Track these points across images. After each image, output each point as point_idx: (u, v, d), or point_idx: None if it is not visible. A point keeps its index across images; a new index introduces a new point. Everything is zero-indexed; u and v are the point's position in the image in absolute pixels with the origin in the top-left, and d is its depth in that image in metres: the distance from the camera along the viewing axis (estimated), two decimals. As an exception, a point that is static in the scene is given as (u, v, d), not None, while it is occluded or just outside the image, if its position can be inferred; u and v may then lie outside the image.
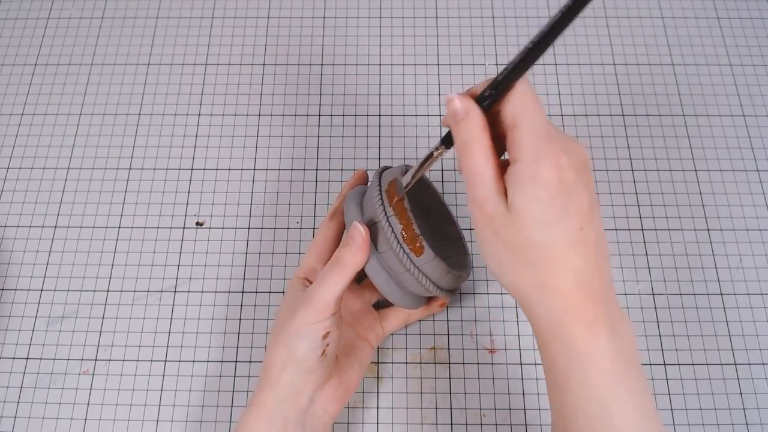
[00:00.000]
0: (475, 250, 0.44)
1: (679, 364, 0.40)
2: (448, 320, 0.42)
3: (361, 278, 0.41)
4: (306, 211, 0.45)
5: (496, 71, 0.50)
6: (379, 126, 0.48)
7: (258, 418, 0.32)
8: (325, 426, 0.33)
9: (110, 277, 0.43)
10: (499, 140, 0.27)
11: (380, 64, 0.51)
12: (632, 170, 0.47)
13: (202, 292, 0.43)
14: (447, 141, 0.29)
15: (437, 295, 0.34)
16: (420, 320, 0.42)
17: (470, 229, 0.44)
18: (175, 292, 0.43)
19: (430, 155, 0.30)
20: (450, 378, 0.40)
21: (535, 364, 0.40)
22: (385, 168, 0.36)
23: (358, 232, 0.32)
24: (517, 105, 0.25)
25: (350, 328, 0.37)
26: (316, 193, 0.46)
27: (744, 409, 0.39)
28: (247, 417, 0.32)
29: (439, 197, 0.41)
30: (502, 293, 0.42)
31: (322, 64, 0.51)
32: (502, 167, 0.26)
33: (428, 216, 0.41)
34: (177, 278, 0.43)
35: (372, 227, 0.33)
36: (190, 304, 0.42)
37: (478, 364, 0.40)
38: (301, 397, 0.32)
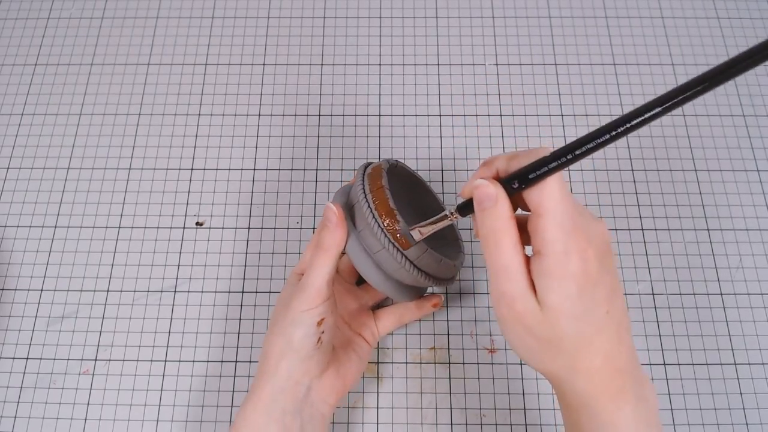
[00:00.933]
0: (475, 250, 0.44)
1: (679, 364, 0.40)
2: (448, 320, 0.42)
3: (360, 281, 0.41)
4: (306, 211, 0.45)
5: (497, 71, 0.51)
6: (379, 126, 0.48)
7: (254, 412, 0.32)
8: (323, 417, 0.34)
9: (110, 277, 0.43)
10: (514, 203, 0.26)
11: (380, 64, 0.51)
12: (632, 170, 0.47)
13: (202, 292, 0.43)
14: (462, 209, 0.28)
15: (419, 280, 0.33)
16: (420, 320, 0.42)
17: (469, 229, 0.44)
18: (175, 292, 0.43)
19: (443, 218, 0.30)
20: (450, 378, 0.40)
21: (535, 364, 0.40)
22: (371, 163, 0.36)
23: (332, 212, 0.32)
24: (543, 193, 0.24)
25: (346, 325, 0.38)
26: (316, 193, 0.46)
27: (744, 409, 0.39)
28: (243, 411, 0.32)
29: (436, 200, 0.41)
30: (502, 293, 0.42)
31: (322, 64, 0.51)
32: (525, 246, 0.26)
33: (425, 218, 0.40)
34: (177, 278, 0.43)
35: (352, 209, 0.33)
36: (190, 304, 0.42)
37: (478, 364, 0.40)
38: (299, 387, 0.32)
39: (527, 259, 0.25)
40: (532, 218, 0.25)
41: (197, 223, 0.45)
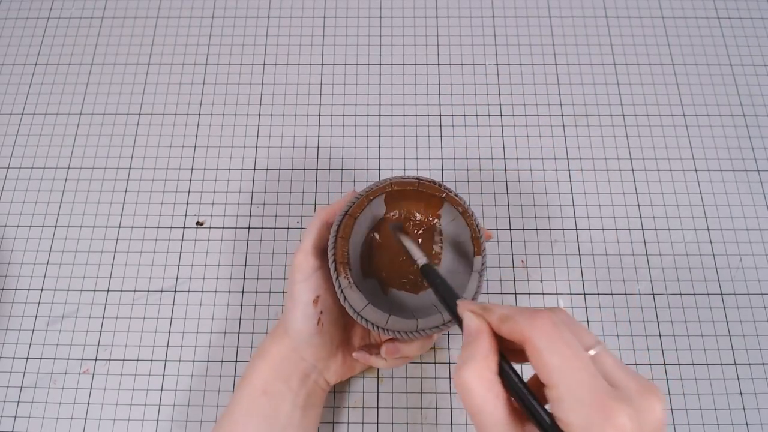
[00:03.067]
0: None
1: (679, 364, 0.40)
2: (448, 320, 0.42)
3: None
4: (306, 211, 0.45)
5: (497, 71, 0.51)
6: (379, 126, 0.48)
7: (264, 365, 0.33)
8: (323, 391, 0.35)
9: (110, 277, 0.43)
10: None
11: (380, 64, 0.51)
12: (632, 170, 0.47)
13: (202, 292, 0.43)
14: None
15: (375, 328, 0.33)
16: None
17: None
18: (175, 292, 0.43)
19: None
20: (450, 378, 0.40)
21: (535, 364, 0.40)
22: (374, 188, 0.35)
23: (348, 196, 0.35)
24: (545, 363, 0.21)
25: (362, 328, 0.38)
26: (316, 193, 0.46)
27: (744, 409, 0.39)
28: (253, 365, 0.34)
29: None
30: (501, 293, 0.42)
31: (322, 64, 0.51)
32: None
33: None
34: (177, 278, 0.43)
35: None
36: (190, 304, 0.42)
37: (478, 364, 0.40)
38: (303, 362, 0.34)
39: (512, 406, 0.22)
40: (545, 391, 0.21)
41: (197, 223, 0.45)
